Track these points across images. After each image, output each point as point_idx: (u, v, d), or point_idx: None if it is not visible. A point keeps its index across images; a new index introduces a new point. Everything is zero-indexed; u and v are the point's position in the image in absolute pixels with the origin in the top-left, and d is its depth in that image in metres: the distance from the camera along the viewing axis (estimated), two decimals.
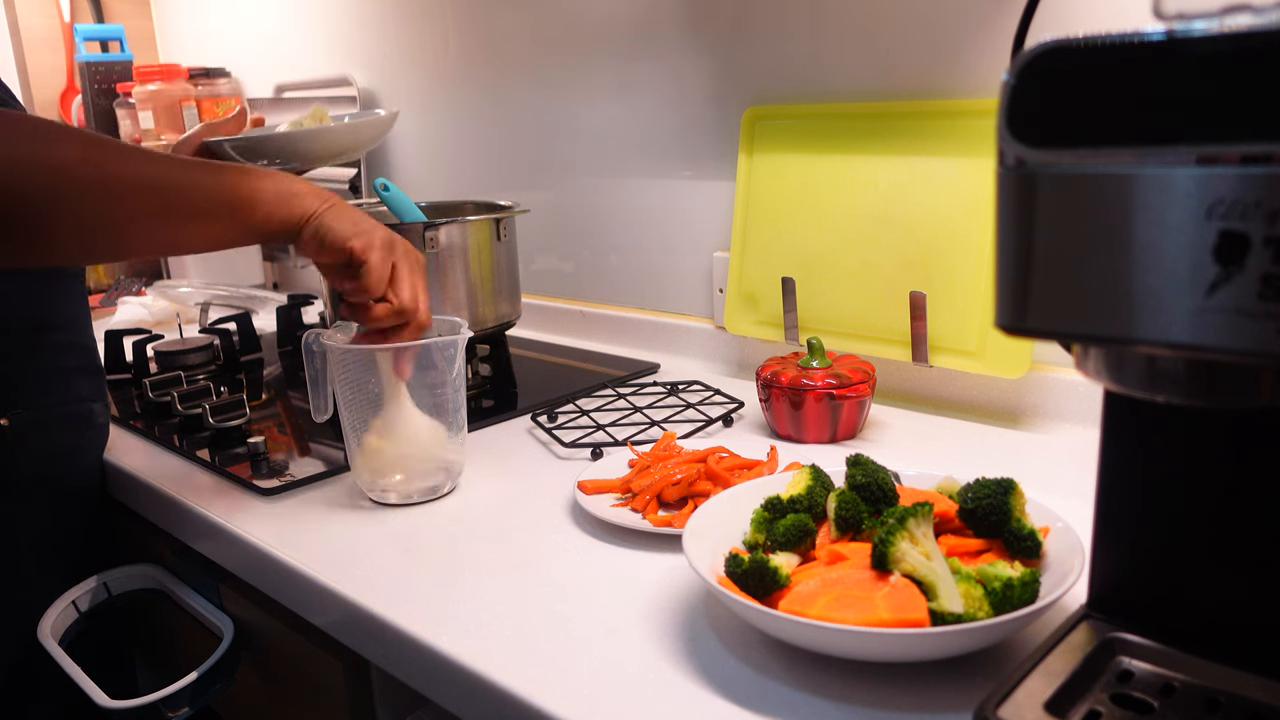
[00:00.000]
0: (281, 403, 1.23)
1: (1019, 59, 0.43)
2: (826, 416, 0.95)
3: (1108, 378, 0.47)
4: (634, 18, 1.30)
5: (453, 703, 0.65)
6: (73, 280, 1.04)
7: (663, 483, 0.81)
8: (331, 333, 0.88)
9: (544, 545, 0.78)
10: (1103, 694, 0.52)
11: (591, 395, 1.14)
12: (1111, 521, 0.57)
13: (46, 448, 1.01)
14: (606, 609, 0.68)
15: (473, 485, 0.91)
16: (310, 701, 0.85)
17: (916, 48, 1.03)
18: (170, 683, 0.86)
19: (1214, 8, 0.39)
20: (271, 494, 0.92)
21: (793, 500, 0.68)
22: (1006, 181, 0.44)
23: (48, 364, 1.01)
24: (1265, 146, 0.37)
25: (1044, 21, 0.90)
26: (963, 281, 0.99)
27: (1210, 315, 0.39)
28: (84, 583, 0.99)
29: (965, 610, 0.55)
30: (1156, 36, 0.39)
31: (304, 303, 1.56)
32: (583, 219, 1.44)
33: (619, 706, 0.57)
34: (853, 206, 1.07)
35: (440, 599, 0.71)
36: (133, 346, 1.35)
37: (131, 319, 1.67)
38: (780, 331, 1.14)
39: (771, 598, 0.60)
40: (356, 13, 1.73)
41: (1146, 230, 0.40)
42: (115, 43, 2.02)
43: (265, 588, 0.83)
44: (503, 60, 1.50)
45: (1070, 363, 0.50)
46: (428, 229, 1.11)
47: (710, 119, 1.24)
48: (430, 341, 0.86)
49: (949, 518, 0.65)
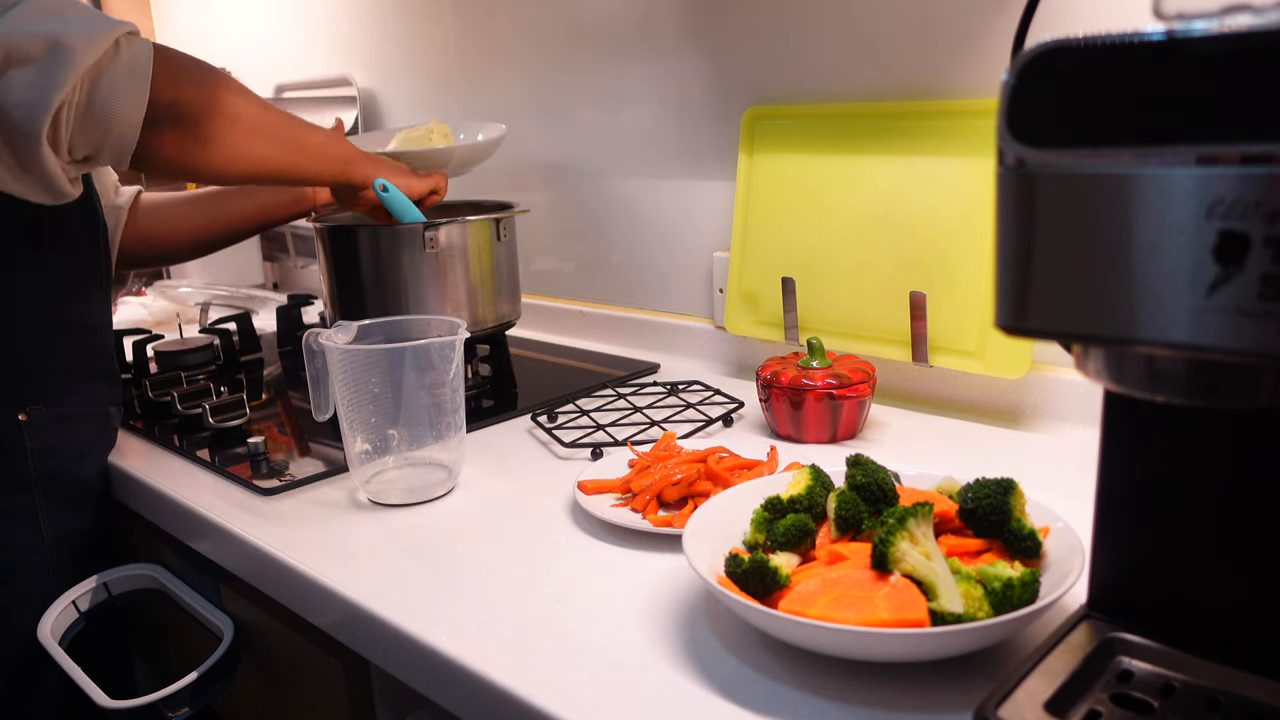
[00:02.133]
0: (281, 403, 1.23)
1: (1019, 59, 0.43)
2: (826, 416, 0.95)
3: (1108, 378, 0.47)
4: (634, 18, 1.30)
5: (453, 703, 0.65)
6: (100, 287, 1.06)
7: (663, 483, 0.81)
8: (331, 333, 0.88)
9: (544, 545, 0.78)
10: (1103, 694, 0.52)
11: (591, 395, 1.14)
12: (1111, 521, 0.57)
13: (62, 446, 1.02)
14: (606, 609, 0.68)
15: (473, 485, 0.92)
16: (310, 701, 0.85)
17: (916, 48, 1.03)
18: (170, 683, 0.86)
19: (1214, 8, 0.39)
20: (271, 494, 0.92)
21: (793, 500, 0.68)
22: (1006, 181, 0.44)
23: (71, 364, 1.02)
24: (1265, 146, 0.37)
25: (1044, 21, 0.90)
26: (963, 281, 0.99)
27: (1210, 315, 0.39)
28: (84, 583, 0.99)
29: (965, 610, 0.55)
30: (1156, 36, 0.39)
31: (304, 303, 1.56)
32: (583, 219, 1.44)
33: (619, 706, 0.57)
34: (853, 206, 1.07)
35: (440, 599, 0.71)
36: (133, 346, 1.35)
37: (131, 319, 1.67)
38: (780, 331, 1.14)
39: (771, 598, 0.60)
40: (356, 13, 1.73)
41: (1146, 230, 0.40)
42: None
43: (265, 588, 0.83)
44: (503, 60, 1.50)
45: (1070, 363, 0.50)
46: (428, 229, 1.11)
47: (710, 119, 1.24)
48: (429, 342, 0.86)
49: (949, 518, 0.65)
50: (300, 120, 1.02)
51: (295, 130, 1.01)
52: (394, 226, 1.11)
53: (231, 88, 0.93)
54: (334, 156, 1.05)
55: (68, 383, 1.02)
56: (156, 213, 1.29)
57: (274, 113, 0.98)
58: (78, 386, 1.03)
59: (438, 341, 0.87)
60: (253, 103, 0.95)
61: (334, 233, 1.15)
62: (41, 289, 1.00)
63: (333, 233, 1.16)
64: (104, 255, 1.06)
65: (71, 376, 1.02)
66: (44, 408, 1.00)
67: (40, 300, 1.00)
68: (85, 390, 1.04)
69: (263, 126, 0.96)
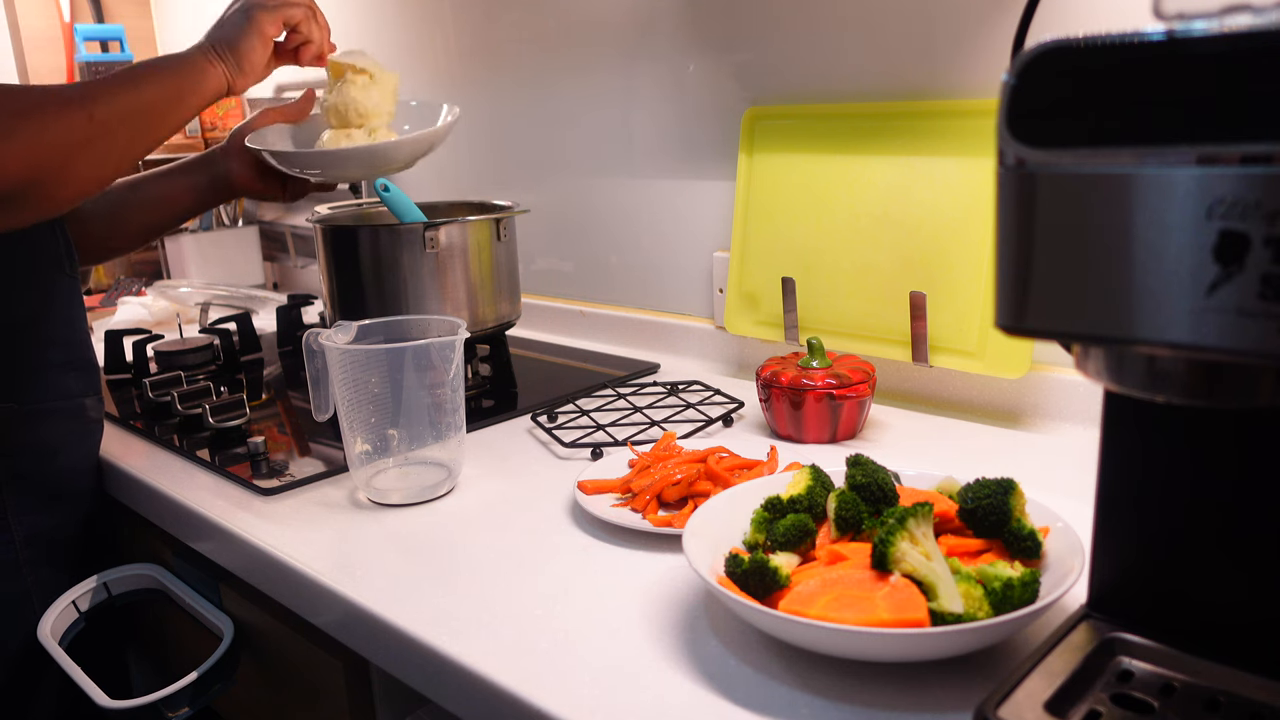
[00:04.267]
0: (281, 403, 1.23)
1: (1019, 59, 0.43)
2: (826, 416, 0.95)
3: (1108, 378, 0.47)
4: (634, 18, 1.30)
5: (453, 703, 0.65)
6: (65, 276, 1.03)
7: (663, 483, 0.81)
8: (331, 333, 0.88)
9: (544, 545, 0.78)
10: (1103, 694, 0.52)
11: (591, 395, 1.14)
12: (1111, 521, 0.57)
13: (36, 443, 1.00)
14: (606, 609, 0.68)
15: (473, 485, 0.92)
16: (310, 701, 0.85)
17: (916, 48, 1.03)
18: (170, 683, 0.86)
19: (1214, 8, 0.39)
20: (271, 494, 0.92)
21: (793, 500, 0.68)
22: (1006, 181, 0.44)
23: (36, 359, 0.99)
24: (1265, 146, 0.37)
25: (1044, 21, 0.90)
26: (963, 281, 0.99)
27: (1210, 315, 0.39)
28: (84, 583, 0.99)
29: (965, 610, 0.55)
30: (1156, 36, 0.39)
31: (304, 303, 1.56)
32: (583, 219, 1.44)
33: (619, 706, 0.57)
34: (853, 206, 1.07)
35: (440, 599, 0.71)
36: (133, 346, 1.35)
37: (131, 319, 1.67)
38: (780, 331, 1.14)
39: (771, 598, 0.60)
40: (356, 12, 1.73)
41: (1146, 230, 0.40)
42: (115, 43, 2.02)
43: (265, 588, 0.83)
44: (503, 60, 1.50)
45: (1070, 363, 0.50)
46: (428, 229, 1.11)
47: (710, 119, 1.24)
48: (429, 342, 0.86)
49: (949, 518, 0.65)
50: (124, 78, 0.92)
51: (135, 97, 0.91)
52: (394, 226, 1.11)
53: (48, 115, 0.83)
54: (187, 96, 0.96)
55: (38, 377, 0.99)
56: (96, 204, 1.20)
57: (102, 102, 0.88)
58: (49, 380, 1.00)
59: (438, 341, 0.87)
60: (75, 111, 0.85)
61: (334, 233, 1.15)
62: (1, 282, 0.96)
63: (333, 233, 1.16)
64: (63, 239, 1.02)
65: (42, 370, 0.99)
66: (13, 405, 0.97)
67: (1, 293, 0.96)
68: (59, 384, 1.01)
69: (105, 127, 0.87)
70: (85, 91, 0.87)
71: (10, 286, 0.98)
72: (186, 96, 0.96)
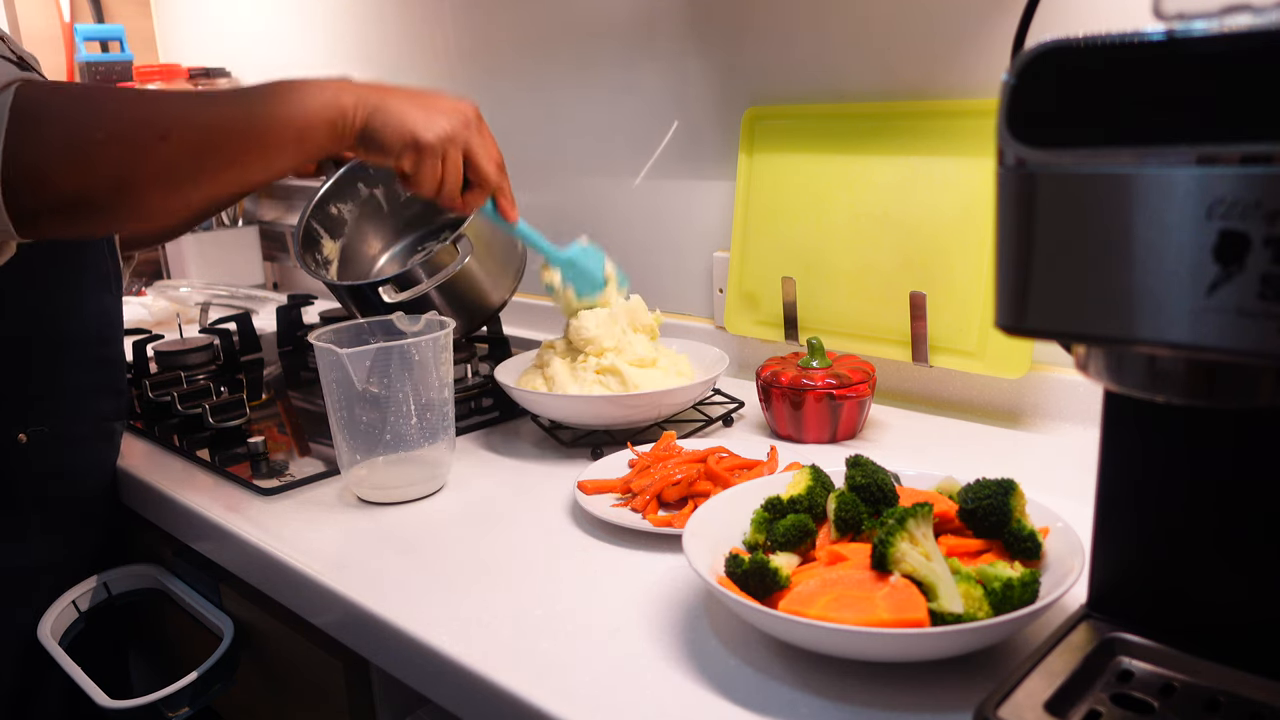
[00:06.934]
0: (281, 403, 1.23)
1: (1019, 59, 0.43)
2: (826, 416, 0.95)
3: (1108, 378, 0.47)
4: (634, 18, 1.30)
5: (453, 703, 0.65)
6: (110, 296, 0.99)
7: (663, 483, 0.81)
8: (322, 332, 0.88)
9: (544, 545, 0.78)
10: (1103, 694, 0.52)
11: None
12: (1111, 521, 0.57)
13: (64, 466, 0.97)
14: (606, 609, 0.68)
15: (473, 485, 0.91)
16: (310, 701, 0.85)
17: (916, 48, 1.03)
18: (170, 683, 0.86)
19: (1214, 8, 0.39)
20: (271, 494, 0.92)
21: (793, 500, 0.68)
22: (1006, 181, 0.44)
23: (73, 381, 0.96)
24: (1265, 146, 0.37)
25: (1044, 21, 0.90)
26: (963, 281, 0.99)
27: (1210, 315, 0.39)
28: (84, 583, 0.99)
29: (965, 610, 0.55)
30: (1156, 36, 0.39)
31: (304, 303, 1.56)
32: (583, 219, 1.44)
33: (619, 706, 0.57)
34: (853, 206, 1.07)
35: (440, 599, 0.71)
36: (133, 346, 1.34)
37: (131, 319, 1.66)
38: (780, 331, 1.14)
39: (771, 598, 0.60)
40: (356, 13, 1.73)
41: (1146, 230, 0.40)
42: (115, 43, 2.02)
43: (265, 588, 0.83)
44: (502, 60, 1.50)
45: (1070, 363, 0.50)
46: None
47: (710, 119, 1.24)
48: (418, 339, 0.86)
49: (949, 518, 0.65)
50: (237, 97, 0.80)
51: (237, 124, 0.77)
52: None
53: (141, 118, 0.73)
54: (298, 133, 0.79)
55: (72, 401, 0.95)
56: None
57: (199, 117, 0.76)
58: (85, 404, 0.97)
59: (425, 338, 0.87)
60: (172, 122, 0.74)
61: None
62: (33, 306, 0.91)
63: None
64: (112, 258, 0.99)
65: (79, 394, 0.96)
66: (44, 428, 0.93)
67: (47, 310, 0.92)
68: (91, 407, 0.98)
69: (198, 146, 0.75)
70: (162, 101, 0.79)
71: (53, 304, 0.93)
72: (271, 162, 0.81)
